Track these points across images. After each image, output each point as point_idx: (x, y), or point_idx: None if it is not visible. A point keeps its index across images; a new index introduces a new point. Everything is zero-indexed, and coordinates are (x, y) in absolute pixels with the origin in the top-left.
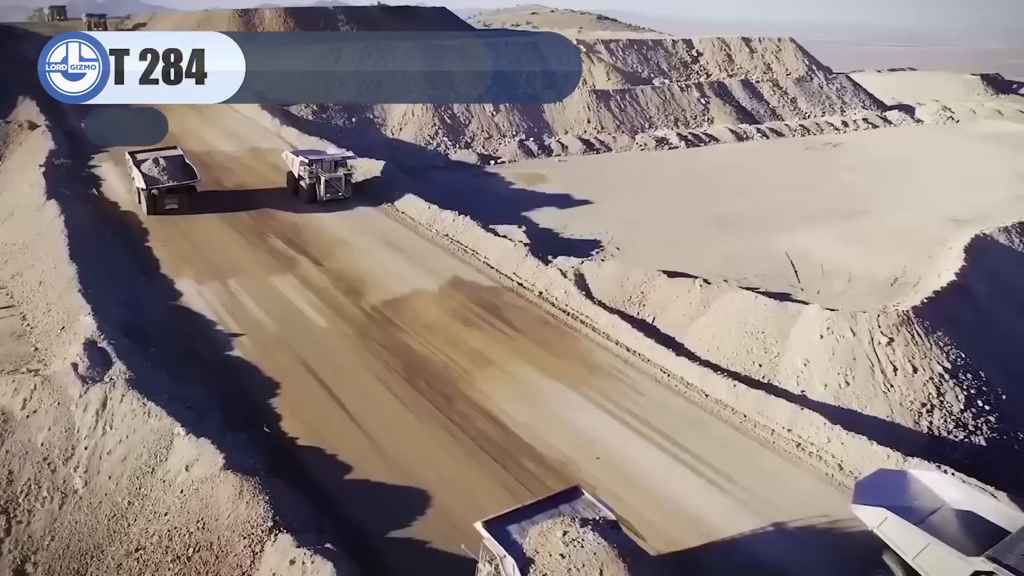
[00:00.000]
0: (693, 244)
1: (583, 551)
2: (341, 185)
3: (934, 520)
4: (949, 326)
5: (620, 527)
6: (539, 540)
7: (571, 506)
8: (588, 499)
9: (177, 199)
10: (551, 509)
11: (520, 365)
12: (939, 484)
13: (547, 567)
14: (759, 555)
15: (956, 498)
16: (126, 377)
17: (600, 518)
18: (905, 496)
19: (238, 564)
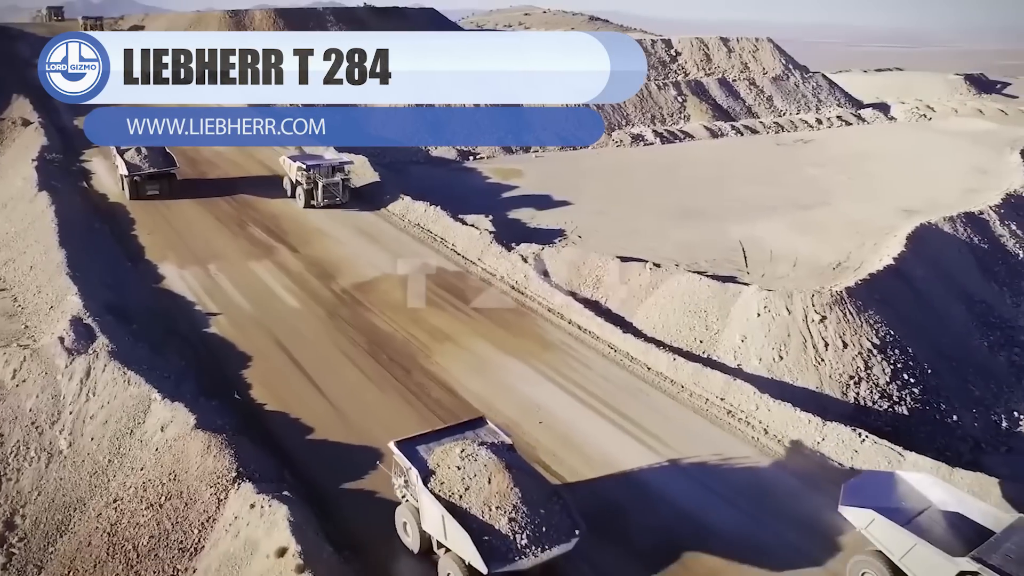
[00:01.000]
0: (653, 233)
1: (476, 463)
2: (339, 190)
3: (921, 521)
4: (881, 305)
5: (515, 450)
6: (440, 456)
7: (475, 432)
8: (491, 427)
9: (158, 186)
10: (457, 434)
11: (477, 342)
12: (926, 485)
13: (444, 476)
14: (675, 499)
15: (943, 499)
16: (109, 349)
17: (498, 441)
18: (892, 497)
19: (204, 510)
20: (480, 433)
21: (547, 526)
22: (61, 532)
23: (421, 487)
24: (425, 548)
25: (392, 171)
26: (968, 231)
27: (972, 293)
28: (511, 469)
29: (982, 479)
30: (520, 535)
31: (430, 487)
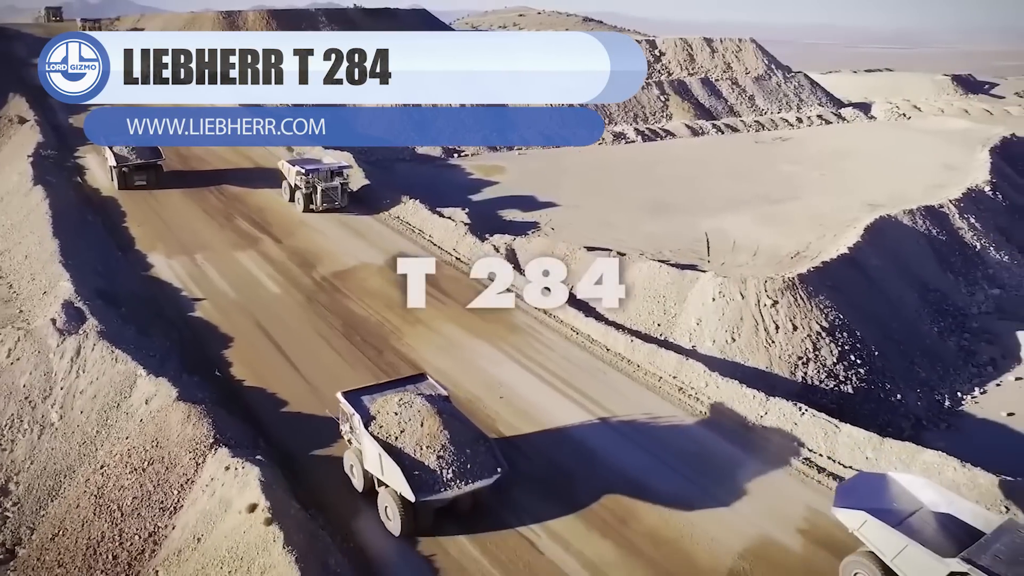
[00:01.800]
0: (624, 225)
1: (411, 410)
2: (338, 194)
3: (912, 522)
4: (833, 291)
5: (450, 401)
6: (381, 404)
7: (415, 386)
8: (429, 382)
9: (145, 176)
10: (398, 387)
11: (447, 325)
12: (917, 487)
13: (383, 421)
14: (619, 462)
15: (934, 501)
16: (98, 330)
17: (435, 393)
18: (885, 499)
19: (184, 473)
20: (420, 386)
21: (472, 464)
22: (52, 497)
23: (362, 430)
24: (368, 487)
25: (379, 168)
26: (927, 223)
27: (927, 282)
28: (442, 415)
29: (908, 447)
30: (446, 470)
31: (370, 430)
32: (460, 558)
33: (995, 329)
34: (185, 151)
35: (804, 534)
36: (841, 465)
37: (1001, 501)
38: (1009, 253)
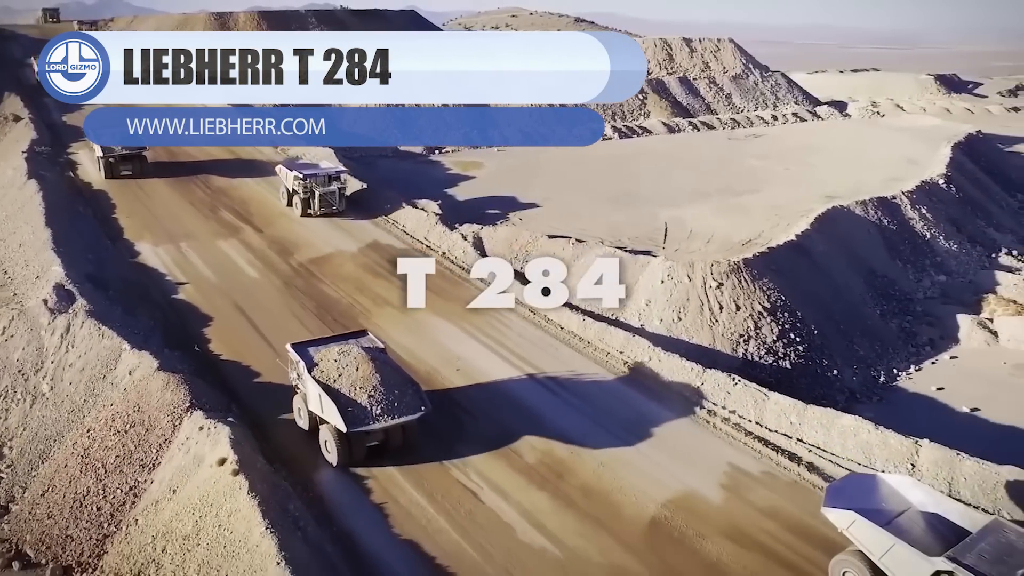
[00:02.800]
0: (589, 215)
1: (348, 357)
2: (335, 199)
3: (901, 522)
4: (777, 275)
5: (386, 352)
6: (323, 353)
7: (356, 340)
8: (369, 337)
9: (131, 166)
10: (341, 341)
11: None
12: (906, 487)
13: (324, 367)
14: (560, 426)
15: (922, 501)
16: (86, 309)
17: (373, 346)
18: (874, 499)
19: (162, 433)
20: (360, 341)
21: (399, 403)
22: (42, 459)
23: (306, 375)
24: (312, 426)
25: (362, 165)
26: (878, 214)
27: (875, 268)
28: (375, 362)
29: (829, 413)
30: (376, 407)
31: (313, 375)
32: (408, 506)
33: (938, 313)
34: (174, 148)
35: (725, 488)
36: (767, 429)
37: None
38: (959, 242)
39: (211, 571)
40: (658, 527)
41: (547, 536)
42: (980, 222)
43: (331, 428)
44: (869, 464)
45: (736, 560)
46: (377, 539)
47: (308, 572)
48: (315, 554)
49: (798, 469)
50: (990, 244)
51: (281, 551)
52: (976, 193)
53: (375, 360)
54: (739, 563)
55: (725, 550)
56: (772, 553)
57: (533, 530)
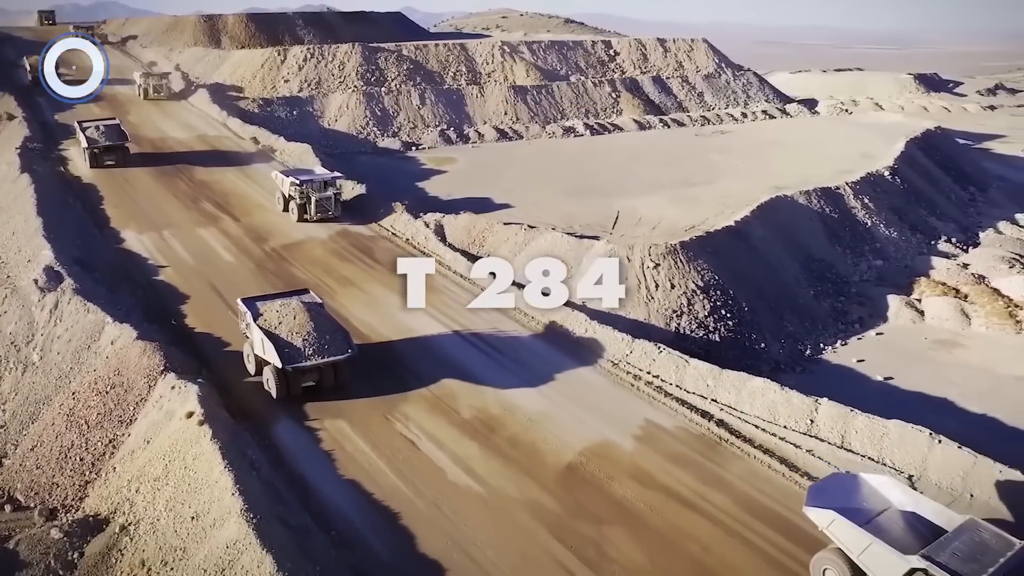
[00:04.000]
0: (548, 205)
1: (287, 308)
2: (331, 204)
3: (880, 521)
4: (712, 256)
5: (324, 306)
6: (268, 306)
7: (298, 296)
8: (311, 295)
9: (114, 156)
10: (285, 297)
11: (375, 286)
12: (886, 487)
13: (267, 316)
14: (498, 388)
15: (901, 500)
16: (73, 288)
17: (312, 301)
18: (855, 498)
19: (139, 393)
20: (302, 297)
21: (329, 345)
22: (32, 420)
23: (252, 323)
24: (258, 369)
25: (341, 161)
26: (821, 203)
27: (814, 252)
28: (310, 312)
29: (741, 376)
30: (308, 348)
31: (258, 323)
32: (354, 453)
33: (871, 294)
34: (161, 145)
35: (638, 439)
36: (685, 391)
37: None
38: (899, 230)
39: (177, 505)
40: (573, 471)
41: (473, 478)
42: (923, 211)
43: (272, 367)
44: (772, 419)
45: (639, 497)
46: (324, 479)
47: (259, 502)
48: (267, 489)
49: (708, 424)
50: (931, 232)
51: (236, 485)
52: (923, 184)
53: (310, 311)
54: (641, 500)
55: (630, 489)
56: (672, 492)
57: (462, 473)
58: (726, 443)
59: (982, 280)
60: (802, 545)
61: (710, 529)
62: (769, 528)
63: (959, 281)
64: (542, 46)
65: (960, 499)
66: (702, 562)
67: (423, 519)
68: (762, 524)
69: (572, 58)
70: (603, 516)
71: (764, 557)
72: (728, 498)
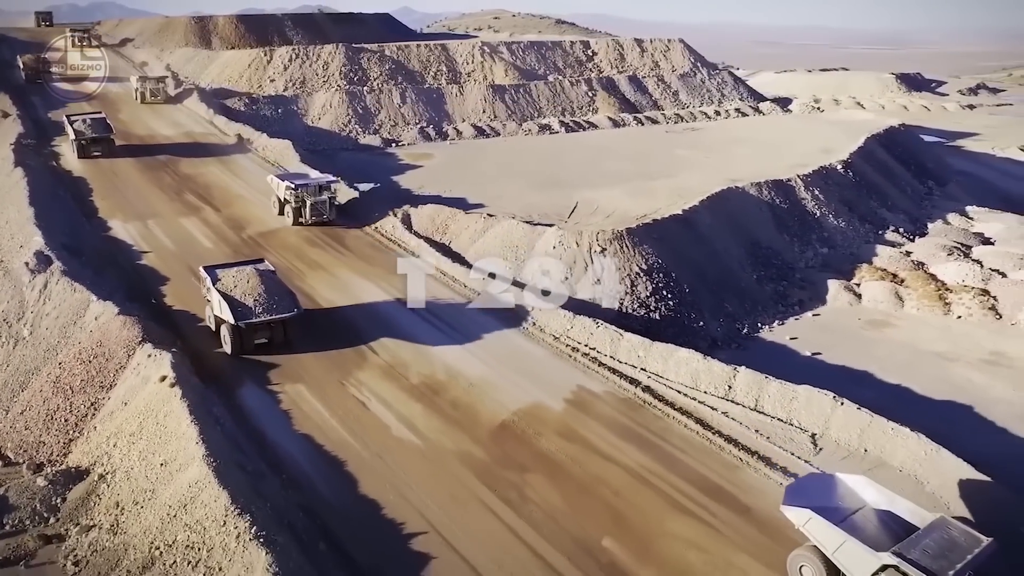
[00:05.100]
0: (512, 197)
1: (242, 274)
2: (326, 208)
3: (856, 519)
4: (657, 242)
5: (276, 273)
6: (226, 272)
7: (254, 265)
8: (265, 263)
9: (100, 148)
10: (241, 265)
11: (342, 270)
12: (861, 486)
13: (225, 281)
14: (445, 358)
15: (876, 499)
16: (61, 270)
17: (265, 268)
18: (831, 498)
19: (119, 362)
20: (257, 265)
21: (277, 305)
22: (22, 389)
23: (212, 287)
24: (217, 327)
25: (322, 157)
26: (772, 194)
27: (761, 240)
28: (262, 277)
29: (669, 348)
30: (258, 307)
31: (216, 287)
32: (310, 412)
33: (814, 279)
34: (150, 141)
35: (568, 402)
36: (618, 361)
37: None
38: (848, 220)
39: (149, 455)
40: (505, 428)
41: (415, 433)
42: (874, 203)
43: (227, 324)
44: (694, 385)
45: (561, 450)
46: (280, 433)
47: (220, 451)
48: (228, 441)
49: (635, 390)
50: (880, 223)
51: (201, 435)
52: (877, 178)
53: (263, 276)
54: (563, 452)
55: (554, 443)
56: (591, 445)
57: (405, 429)
58: (649, 406)
59: (921, 267)
60: (704, 491)
61: (623, 477)
62: (677, 477)
63: (899, 267)
64: (521, 46)
65: (855, 453)
66: (612, 504)
67: (366, 467)
68: (670, 473)
69: (551, 58)
70: (527, 465)
71: (668, 500)
72: (643, 452)
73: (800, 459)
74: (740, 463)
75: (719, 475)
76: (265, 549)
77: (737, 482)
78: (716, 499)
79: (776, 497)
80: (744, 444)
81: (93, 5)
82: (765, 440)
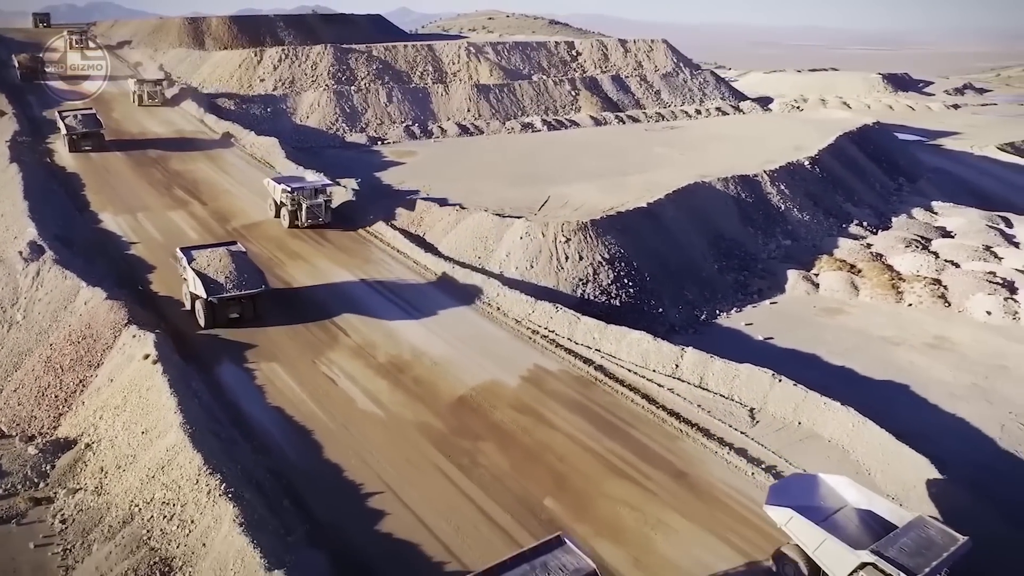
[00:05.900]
0: (488, 191)
1: (215, 254)
2: (321, 211)
3: (837, 518)
4: (620, 233)
5: (246, 255)
6: (200, 253)
7: (227, 246)
8: (238, 245)
9: (90, 142)
10: (215, 247)
11: (321, 259)
12: (843, 486)
13: (199, 261)
14: (412, 339)
15: (857, 499)
16: (53, 259)
17: (237, 250)
18: (812, 497)
19: (106, 342)
20: (230, 247)
21: (246, 282)
22: (16, 369)
23: (187, 266)
24: (192, 304)
25: (309, 155)
26: (737, 188)
27: (725, 232)
28: (233, 256)
29: (622, 330)
30: (228, 283)
31: (191, 266)
32: (283, 388)
33: (775, 270)
34: (141, 139)
35: (524, 379)
36: (575, 342)
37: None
38: (812, 214)
39: (131, 425)
40: (463, 401)
41: (379, 406)
42: (839, 198)
43: (201, 299)
44: (644, 364)
45: (513, 421)
46: (254, 406)
47: (197, 419)
48: (205, 410)
49: (588, 368)
50: (844, 217)
51: (179, 405)
52: (845, 174)
53: (234, 256)
54: (515, 423)
55: (507, 415)
56: (542, 417)
57: (370, 402)
58: (600, 383)
59: (879, 258)
60: (643, 458)
61: (568, 445)
62: (619, 445)
63: (858, 259)
64: (506, 47)
65: (790, 425)
66: (555, 468)
67: (331, 435)
68: (613, 442)
69: (535, 58)
70: (480, 434)
71: (608, 466)
72: (590, 423)
73: (737, 431)
74: (680, 434)
75: (659, 444)
76: (233, 503)
77: (676, 451)
78: (654, 465)
79: (712, 465)
80: (686, 417)
81: (91, 5)
82: (706, 414)
